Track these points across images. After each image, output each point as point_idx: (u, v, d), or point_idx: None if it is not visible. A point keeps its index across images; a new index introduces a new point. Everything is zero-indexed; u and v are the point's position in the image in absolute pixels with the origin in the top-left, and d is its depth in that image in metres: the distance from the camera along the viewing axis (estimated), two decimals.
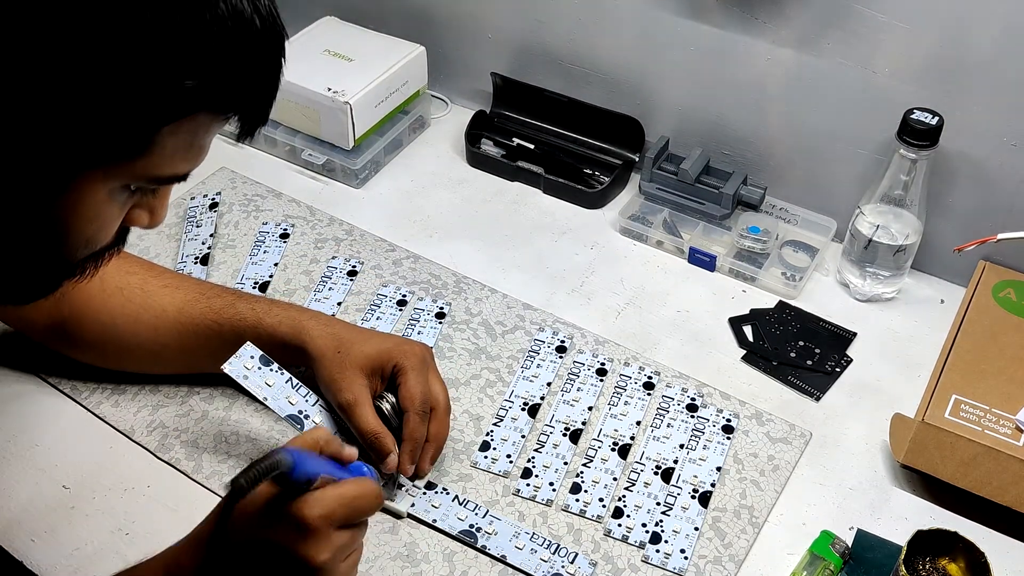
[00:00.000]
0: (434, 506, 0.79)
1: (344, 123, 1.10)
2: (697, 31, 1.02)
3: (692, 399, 0.89)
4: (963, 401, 0.83)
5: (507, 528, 0.78)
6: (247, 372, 0.78)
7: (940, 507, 0.81)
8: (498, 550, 0.76)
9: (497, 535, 0.77)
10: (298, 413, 0.79)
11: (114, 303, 0.83)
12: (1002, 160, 0.92)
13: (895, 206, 0.95)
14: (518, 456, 0.84)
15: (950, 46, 0.89)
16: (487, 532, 0.77)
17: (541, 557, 0.76)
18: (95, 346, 0.85)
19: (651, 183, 1.08)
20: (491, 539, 0.77)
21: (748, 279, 1.02)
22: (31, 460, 0.84)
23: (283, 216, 1.08)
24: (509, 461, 0.84)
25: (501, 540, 0.77)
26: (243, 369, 0.78)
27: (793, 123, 1.03)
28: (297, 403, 0.79)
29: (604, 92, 1.12)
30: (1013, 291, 0.94)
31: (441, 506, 0.79)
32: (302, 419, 0.79)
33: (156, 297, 0.84)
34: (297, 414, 0.79)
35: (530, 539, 0.77)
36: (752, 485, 0.82)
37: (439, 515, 0.78)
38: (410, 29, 1.20)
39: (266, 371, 0.78)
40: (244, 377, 0.78)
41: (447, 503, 0.79)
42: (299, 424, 0.79)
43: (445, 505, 0.79)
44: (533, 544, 0.77)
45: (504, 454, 0.84)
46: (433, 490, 0.81)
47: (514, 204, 1.12)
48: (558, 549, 0.76)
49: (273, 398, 0.78)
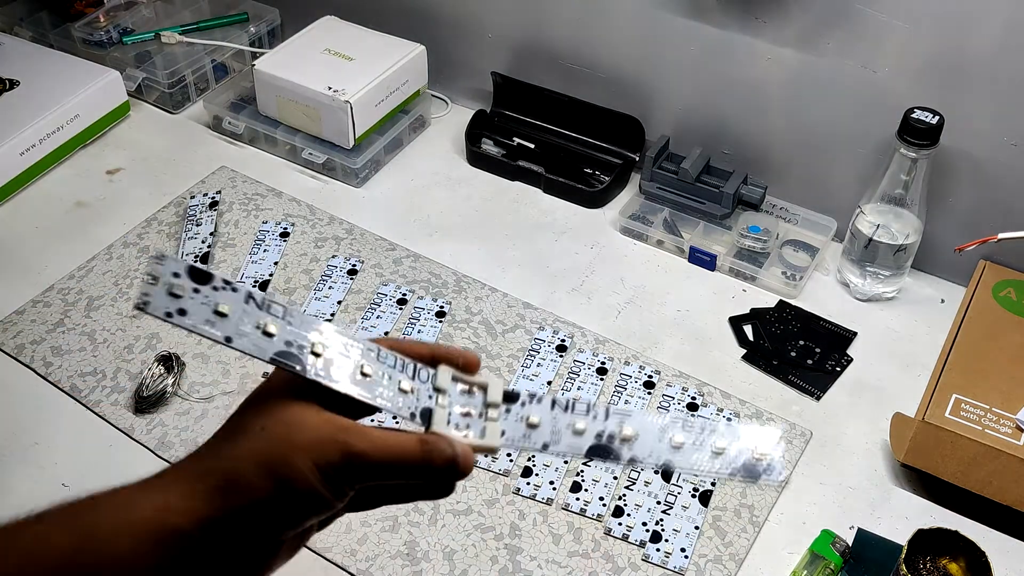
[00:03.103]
0: (531, 424, 0.50)
1: (344, 122, 1.10)
2: (697, 31, 1.02)
3: (692, 398, 0.89)
4: (963, 400, 0.83)
5: (649, 422, 0.51)
6: (177, 303, 0.43)
7: (940, 506, 0.81)
8: (653, 456, 0.50)
9: (639, 438, 0.50)
10: (287, 346, 0.45)
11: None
12: (1002, 159, 0.92)
13: (895, 205, 0.95)
14: (518, 455, 0.84)
15: (950, 45, 0.89)
16: (626, 436, 0.50)
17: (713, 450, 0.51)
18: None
19: (651, 182, 1.08)
20: (637, 444, 0.50)
21: (748, 278, 1.02)
22: (31, 458, 0.83)
23: (283, 215, 1.08)
24: (509, 460, 0.84)
25: (648, 442, 0.50)
26: (167, 301, 0.43)
27: (793, 122, 1.03)
28: (279, 331, 0.45)
29: (604, 92, 1.12)
30: (1013, 290, 0.94)
31: (541, 421, 0.50)
32: (302, 356, 0.46)
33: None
34: (287, 348, 0.45)
35: (682, 428, 0.51)
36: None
37: (548, 433, 0.50)
38: (410, 28, 1.20)
39: (209, 293, 0.44)
40: (174, 313, 0.43)
41: (546, 412, 0.50)
42: (299, 365, 0.45)
43: (546, 418, 0.50)
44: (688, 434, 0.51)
45: (504, 453, 0.84)
46: (513, 402, 0.51)
47: (514, 203, 1.12)
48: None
49: (239, 334, 0.44)
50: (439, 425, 0.48)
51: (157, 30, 1.26)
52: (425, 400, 0.49)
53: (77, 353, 0.92)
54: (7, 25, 1.29)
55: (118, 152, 1.18)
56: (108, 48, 1.25)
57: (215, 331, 0.44)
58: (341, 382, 0.46)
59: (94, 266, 1.01)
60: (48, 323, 0.95)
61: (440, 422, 0.48)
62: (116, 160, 1.16)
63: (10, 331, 0.94)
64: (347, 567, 0.76)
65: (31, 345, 0.93)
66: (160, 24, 1.29)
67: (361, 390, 0.47)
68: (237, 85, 1.22)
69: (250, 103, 1.19)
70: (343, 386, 0.46)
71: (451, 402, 0.50)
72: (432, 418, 0.48)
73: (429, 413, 0.49)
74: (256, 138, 1.18)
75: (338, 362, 0.47)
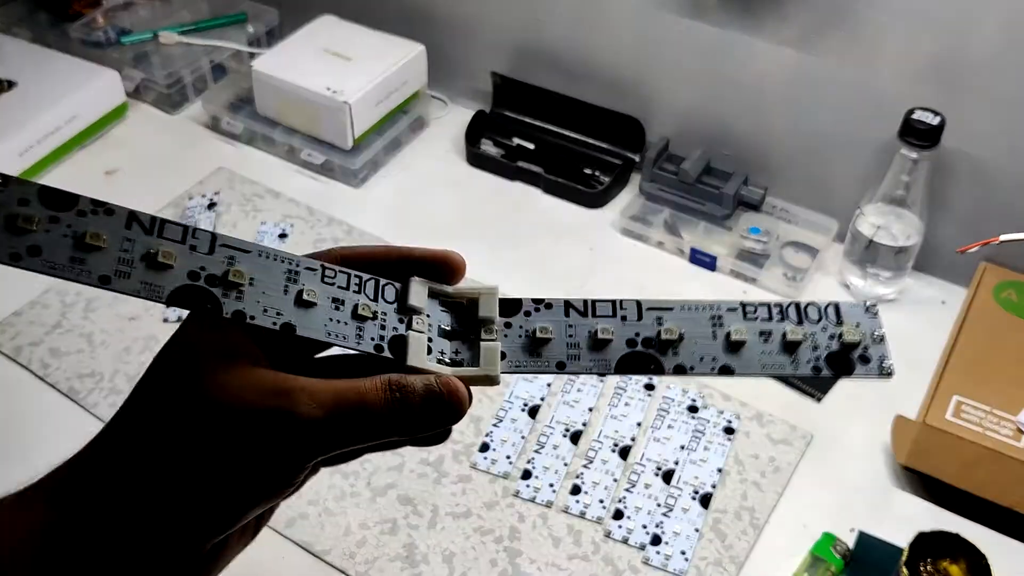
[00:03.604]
0: (539, 338, 0.40)
1: (343, 122, 1.10)
2: (697, 31, 1.02)
3: (693, 400, 0.89)
4: (964, 402, 0.82)
5: (696, 316, 0.40)
6: (25, 240, 0.34)
7: (942, 509, 0.81)
8: (706, 361, 0.40)
9: (684, 340, 0.39)
10: (192, 279, 0.36)
11: None
12: (1004, 160, 0.92)
13: (896, 206, 0.95)
14: (518, 457, 0.84)
15: (952, 45, 0.89)
16: (668, 339, 0.39)
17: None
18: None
19: (652, 183, 1.08)
20: (684, 348, 0.39)
21: (749, 280, 1.01)
22: (28, 460, 0.83)
23: (282, 216, 1.08)
24: (509, 462, 0.83)
25: (697, 343, 0.40)
26: (8, 238, 0.34)
27: (794, 123, 1.02)
28: (180, 261, 0.36)
29: (604, 92, 1.12)
30: (1014, 292, 0.94)
31: (553, 333, 0.40)
32: (213, 290, 0.36)
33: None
34: (192, 282, 0.36)
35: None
36: (753, 486, 0.82)
37: (563, 347, 0.40)
38: (410, 28, 1.19)
39: (73, 220, 0.35)
40: (22, 253, 0.34)
41: (559, 321, 0.40)
42: (210, 302, 0.36)
43: (559, 327, 0.40)
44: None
45: (504, 455, 0.84)
46: (515, 314, 0.41)
47: (514, 204, 1.12)
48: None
49: (120, 272, 0.35)
50: (416, 357, 0.37)
51: (155, 30, 1.26)
52: (394, 326, 0.38)
53: (75, 355, 0.92)
54: (5, 25, 1.29)
55: (116, 152, 1.17)
56: (106, 48, 1.25)
57: (86, 270, 0.33)
58: (271, 319, 0.35)
59: None
60: (46, 325, 0.94)
61: (417, 353, 0.37)
62: (114, 160, 1.16)
63: (8, 333, 0.93)
64: (345, 570, 0.76)
65: (29, 347, 0.92)
66: (158, 24, 1.28)
67: (304, 325, 0.36)
68: (235, 85, 1.22)
69: (248, 103, 1.18)
70: (275, 323, 0.35)
71: (430, 325, 0.38)
72: (406, 349, 0.37)
73: (402, 342, 0.37)
74: (254, 138, 1.18)
75: (264, 291, 0.36)
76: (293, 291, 0.36)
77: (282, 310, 0.36)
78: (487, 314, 0.39)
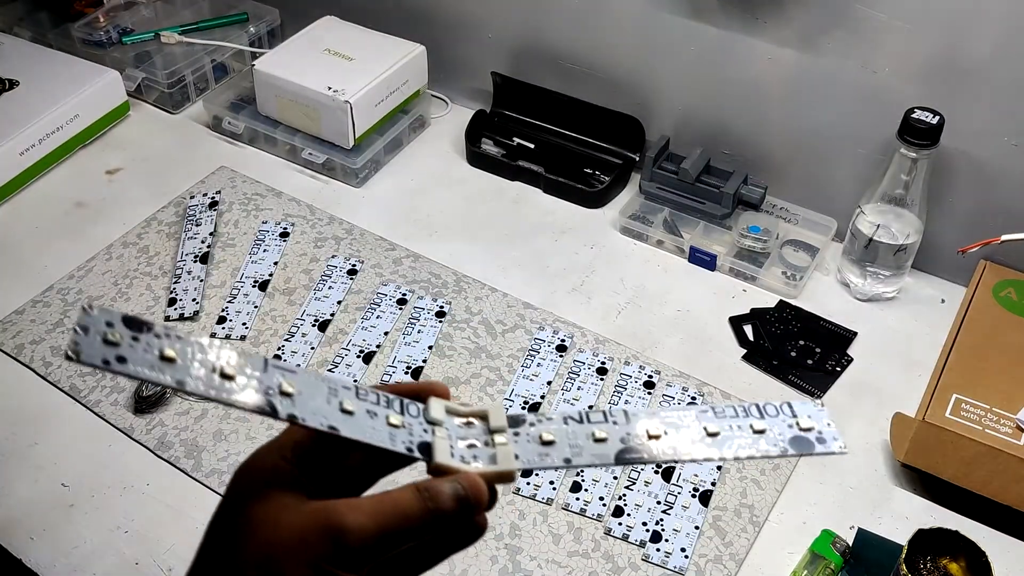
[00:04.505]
0: (545, 441, 0.44)
1: (344, 122, 1.10)
2: (697, 31, 1.02)
3: (692, 398, 0.89)
4: (964, 400, 0.83)
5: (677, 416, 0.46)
6: (115, 350, 0.38)
7: (941, 506, 0.81)
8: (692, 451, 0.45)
9: (669, 434, 0.45)
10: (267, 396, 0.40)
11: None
12: (1003, 159, 0.92)
13: (896, 205, 0.95)
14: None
15: (951, 45, 0.89)
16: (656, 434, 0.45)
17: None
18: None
19: (651, 182, 1.08)
20: (667, 442, 0.45)
21: (749, 278, 1.02)
22: (30, 458, 0.83)
23: (283, 215, 1.08)
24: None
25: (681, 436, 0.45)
26: (103, 348, 0.38)
27: (794, 122, 1.03)
28: (239, 374, 0.40)
29: (604, 92, 1.12)
30: (1014, 290, 0.94)
31: (556, 437, 0.45)
32: (271, 398, 0.40)
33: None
34: (265, 403, 0.40)
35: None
36: (753, 484, 0.82)
37: (566, 447, 0.44)
38: (410, 28, 1.20)
39: (151, 340, 0.39)
40: (112, 360, 0.38)
41: (559, 427, 0.45)
42: (269, 405, 0.40)
43: (560, 433, 0.45)
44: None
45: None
46: (520, 425, 0.45)
47: (514, 203, 1.12)
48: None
49: (192, 376, 0.39)
50: (442, 456, 0.42)
51: (157, 30, 1.26)
52: (420, 434, 0.43)
53: None
54: (7, 25, 1.29)
55: (118, 152, 1.18)
56: (108, 48, 1.25)
57: (165, 376, 0.39)
58: (323, 420, 0.41)
59: (93, 266, 1.01)
60: (48, 323, 0.95)
61: (443, 452, 0.42)
62: (116, 160, 1.16)
63: (9, 331, 0.94)
64: None
65: (31, 345, 0.92)
66: (160, 24, 1.29)
67: (347, 428, 0.41)
68: (237, 85, 1.22)
69: (250, 103, 1.18)
70: (326, 423, 0.41)
71: (450, 434, 0.44)
72: (433, 451, 0.42)
73: (428, 446, 0.43)
74: (256, 138, 1.18)
75: (313, 401, 0.41)
76: (335, 402, 0.42)
77: (328, 416, 0.41)
78: (498, 424, 0.45)
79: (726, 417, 0.46)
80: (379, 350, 0.93)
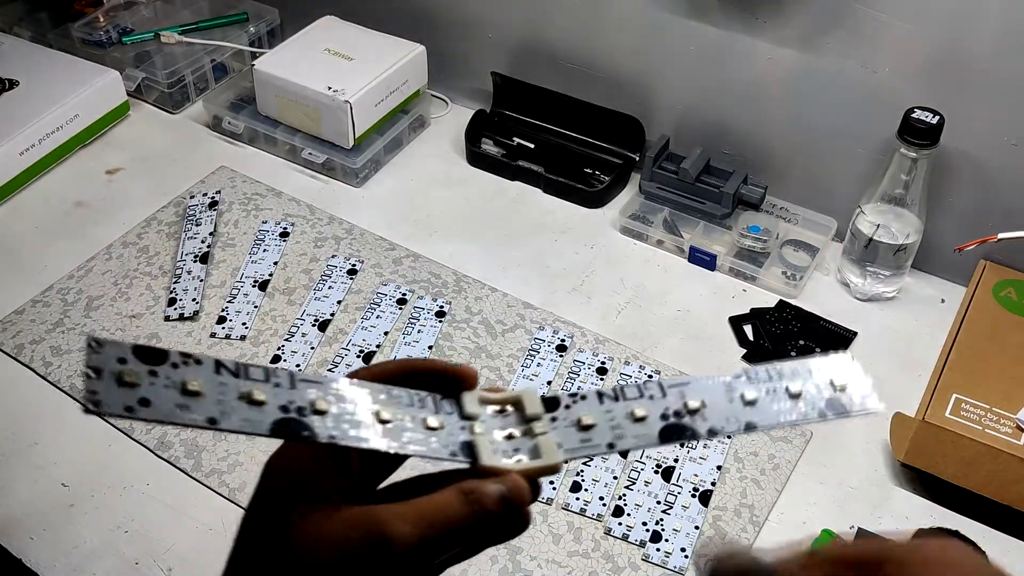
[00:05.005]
0: (584, 426, 0.43)
1: (344, 122, 1.10)
2: (697, 31, 1.02)
3: None
4: (964, 400, 0.83)
5: (712, 385, 0.44)
6: (135, 393, 0.35)
7: (940, 506, 0.81)
8: (732, 421, 0.43)
9: (707, 407, 0.43)
10: (284, 412, 0.38)
11: None
12: (1003, 159, 0.92)
13: (896, 205, 0.95)
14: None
15: (951, 45, 0.89)
16: (695, 407, 0.43)
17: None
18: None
19: (651, 182, 1.08)
20: (708, 414, 0.43)
21: (748, 278, 1.02)
22: (30, 458, 0.83)
23: (283, 215, 1.08)
24: None
25: (720, 408, 0.43)
26: (122, 393, 0.35)
27: (794, 122, 1.03)
28: (269, 396, 0.38)
29: (604, 91, 1.12)
30: (1014, 290, 0.94)
31: (595, 419, 0.43)
32: (306, 419, 0.38)
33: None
34: (285, 415, 0.38)
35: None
36: (753, 484, 0.82)
37: (607, 430, 0.43)
38: (410, 28, 1.20)
39: (169, 372, 0.36)
40: (135, 405, 0.35)
41: (596, 408, 0.43)
42: (306, 430, 0.38)
43: (599, 414, 0.43)
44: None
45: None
46: (555, 408, 0.44)
47: (514, 203, 1.12)
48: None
49: (223, 413, 0.37)
50: (487, 457, 0.41)
51: (157, 30, 1.26)
52: (459, 433, 0.42)
53: (77, 353, 0.92)
54: (7, 25, 1.29)
55: (118, 152, 1.18)
56: (108, 48, 1.25)
57: (194, 416, 0.36)
58: (363, 438, 0.38)
59: (93, 266, 1.01)
60: (48, 323, 0.95)
61: (487, 452, 0.41)
62: (116, 160, 1.16)
63: (9, 331, 0.94)
64: None
65: (31, 345, 0.93)
66: (160, 24, 1.29)
67: (389, 440, 0.39)
68: (237, 85, 1.22)
69: (250, 103, 1.18)
70: (368, 442, 0.38)
71: (487, 427, 0.42)
72: (477, 451, 0.41)
73: (470, 446, 0.41)
74: (256, 138, 1.18)
75: (349, 415, 0.39)
76: (372, 412, 0.40)
77: (364, 432, 0.39)
78: (534, 411, 0.43)
79: (760, 381, 0.44)
80: (379, 350, 0.93)
